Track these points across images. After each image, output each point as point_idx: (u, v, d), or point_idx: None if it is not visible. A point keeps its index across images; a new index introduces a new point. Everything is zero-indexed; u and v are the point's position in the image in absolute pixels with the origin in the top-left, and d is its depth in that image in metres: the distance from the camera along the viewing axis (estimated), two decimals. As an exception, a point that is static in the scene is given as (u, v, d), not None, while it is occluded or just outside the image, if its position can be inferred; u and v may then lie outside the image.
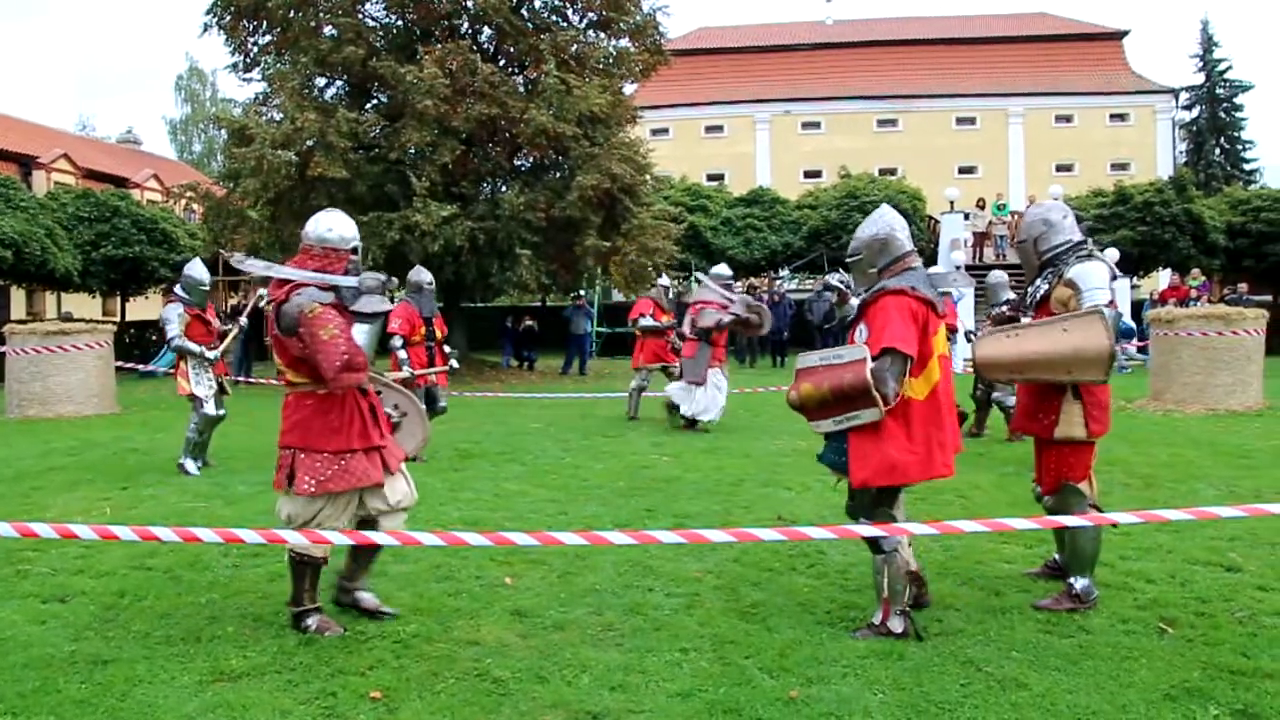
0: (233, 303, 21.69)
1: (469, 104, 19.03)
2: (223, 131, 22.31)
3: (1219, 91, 52.20)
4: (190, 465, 9.10)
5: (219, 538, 4.14)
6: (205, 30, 20.63)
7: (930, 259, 28.97)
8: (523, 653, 4.21)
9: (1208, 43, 52.48)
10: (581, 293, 24.39)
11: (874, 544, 4.39)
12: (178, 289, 9.44)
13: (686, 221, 27.84)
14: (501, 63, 21.16)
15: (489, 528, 6.39)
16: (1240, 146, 52.34)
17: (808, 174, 40.46)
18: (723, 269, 12.50)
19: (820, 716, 3.59)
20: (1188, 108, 51.37)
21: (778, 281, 29.30)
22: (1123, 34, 47.04)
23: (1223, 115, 52.17)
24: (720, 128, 44.50)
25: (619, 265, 21.29)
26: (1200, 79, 52.27)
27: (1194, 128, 52.07)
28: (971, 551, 5.78)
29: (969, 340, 11.93)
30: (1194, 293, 24.06)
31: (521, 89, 20.54)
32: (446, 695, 3.80)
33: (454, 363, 10.57)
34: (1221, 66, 52.31)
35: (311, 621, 4.48)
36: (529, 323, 23.85)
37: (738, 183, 35.91)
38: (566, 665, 4.07)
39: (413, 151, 19.14)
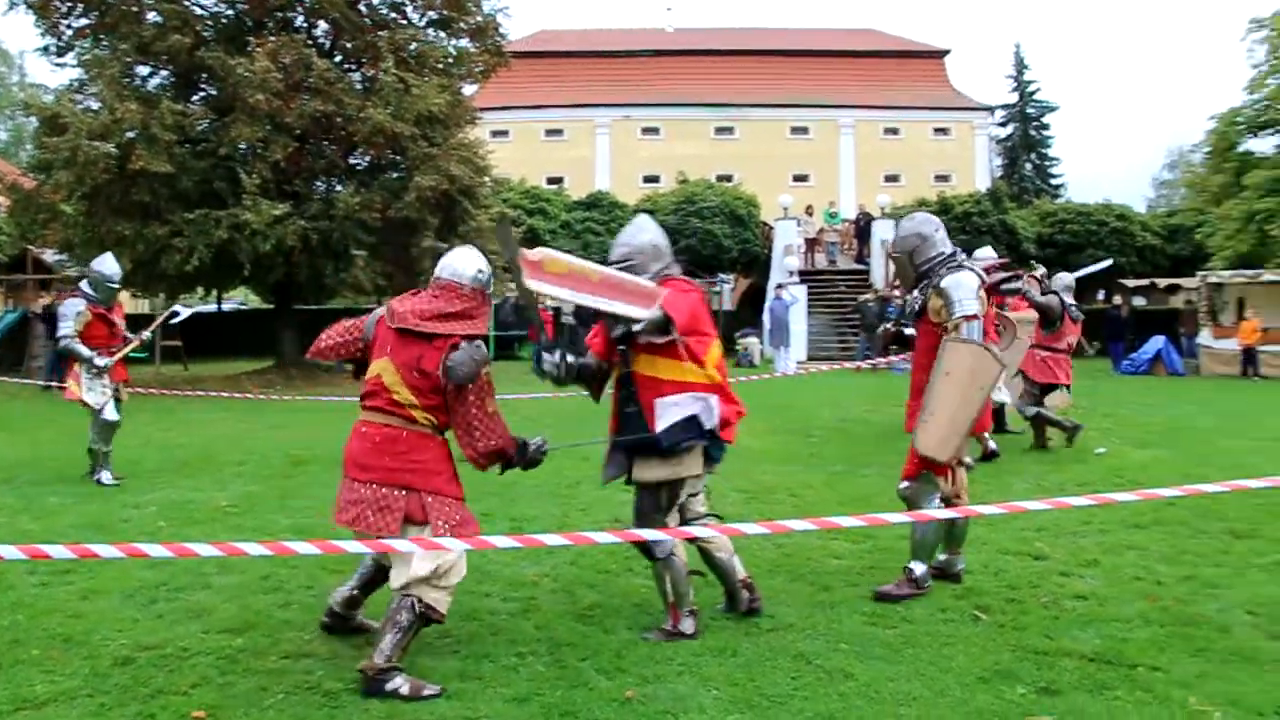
0: (44, 302, 20.32)
1: (303, 100, 18.48)
2: (32, 119, 20.90)
3: (1030, 111, 55.58)
4: (106, 476, 8.49)
5: (23, 554, 3.88)
6: (11, 8, 19.23)
7: (765, 264, 29.80)
8: (356, 663, 4.13)
9: (1020, 65, 55.87)
10: (418, 295, 23.94)
11: (648, 551, 4.45)
12: (84, 284, 8.73)
13: (525, 225, 27.79)
14: (338, 59, 20.63)
15: (321, 536, 6.22)
16: (1048, 162, 55.91)
17: (647, 179, 40.89)
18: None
19: (656, 715, 3.66)
20: (1003, 124, 54.44)
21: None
22: (944, 53, 49.43)
23: (1033, 133, 55.60)
24: (560, 131, 44.51)
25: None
26: (1014, 98, 55.53)
27: (1008, 143, 55.29)
28: (802, 549, 5.99)
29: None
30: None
31: (358, 86, 20.09)
32: (275, 711, 3.70)
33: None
34: (1032, 88, 55.77)
35: (402, 681, 3.84)
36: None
37: (577, 186, 35.99)
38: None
39: (243, 147, 18.45)
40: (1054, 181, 54.97)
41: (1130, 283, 28.95)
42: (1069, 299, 10.31)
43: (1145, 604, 4.92)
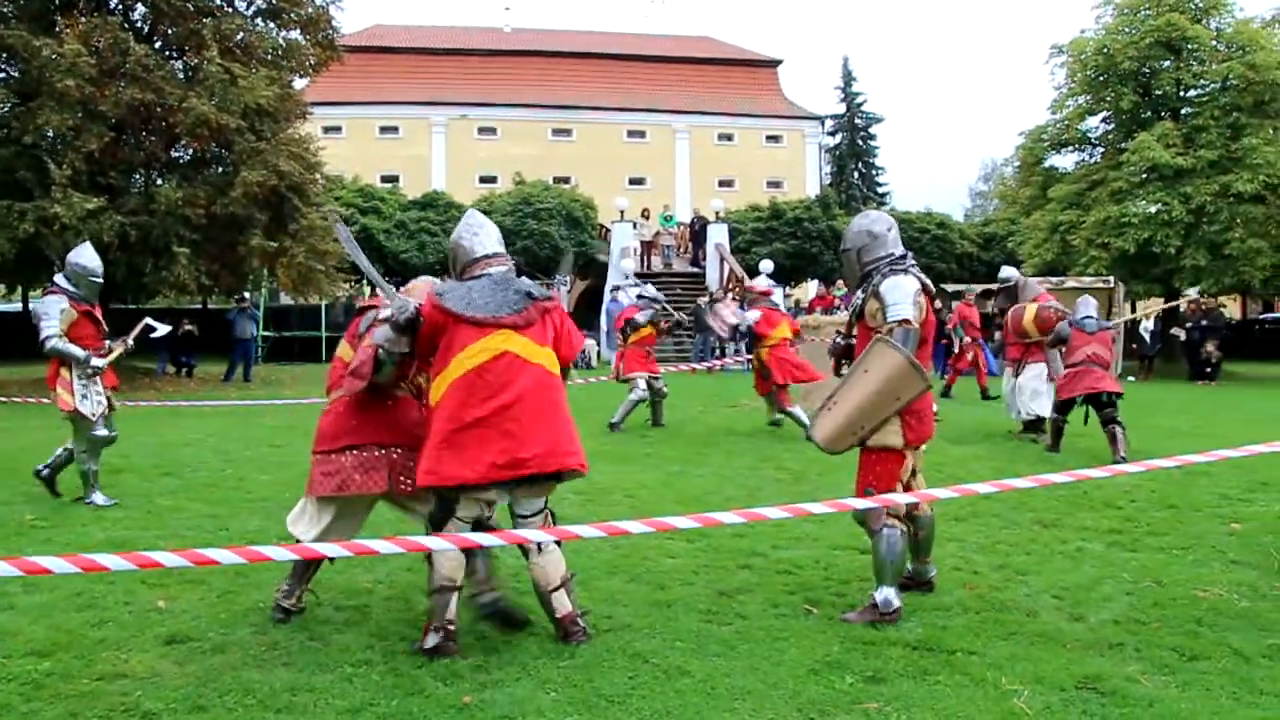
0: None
1: (119, 87, 17.49)
2: None
3: (857, 121, 57.88)
4: (99, 497, 7.57)
5: None
6: None
7: (602, 266, 29.97)
8: (179, 681, 3.94)
9: (848, 77, 58.12)
10: (246, 295, 23.07)
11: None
12: (60, 279, 7.66)
13: (359, 224, 27.13)
14: (158, 45, 19.62)
15: (139, 548, 5.91)
16: (874, 171, 58.44)
17: (483, 179, 40.50)
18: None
19: (494, 720, 3.63)
20: (832, 134, 56.47)
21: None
22: (777, 63, 50.83)
23: (860, 142, 57.95)
24: (396, 129, 43.61)
25: (287, 267, 20.37)
26: (842, 109, 57.69)
27: (837, 152, 57.43)
28: (639, 549, 6.04)
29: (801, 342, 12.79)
30: (838, 301, 26.41)
31: (181, 75, 19.17)
32: (88, 734, 3.49)
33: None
34: (859, 99, 58.11)
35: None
36: (187, 326, 22.19)
37: (412, 186, 35.36)
38: (228, 690, 3.86)
39: (51, 135, 17.32)
40: (880, 190, 57.52)
41: (950, 287, 30.42)
42: (1089, 312, 10.34)
43: (963, 592, 5.19)
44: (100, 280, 7.83)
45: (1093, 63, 25.61)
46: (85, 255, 7.76)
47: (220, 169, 19.78)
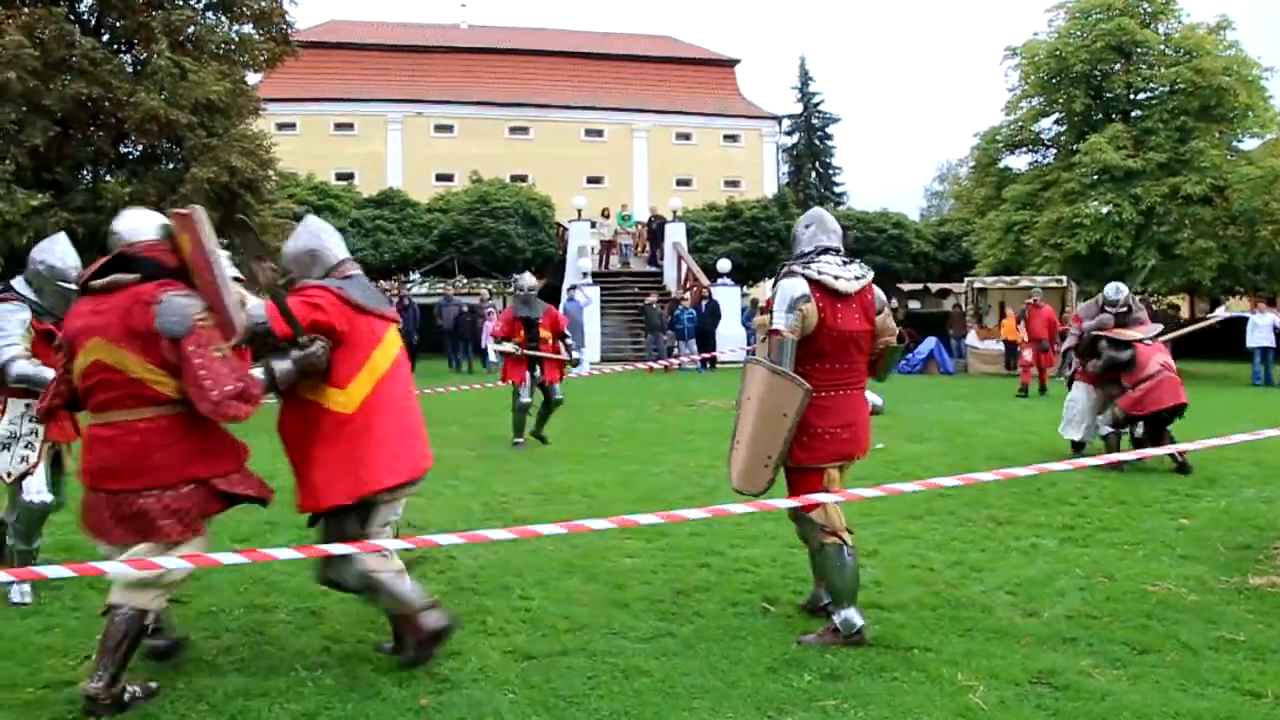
0: None
1: (64, 80, 17.14)
2: None
3: (814, 121, 58.25)
4: (18, 593, 5.03)
5: None
6: None
7: (559, 265, 29.93)
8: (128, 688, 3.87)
9: (805, 77, 58.46)
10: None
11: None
12: (18, 282, 5.36)
13: (314, 221, 26.79)
14: (105, 37, 19.22)
15: (86, 555, 5.80)
16: (831, 171, 58.86)
17: (440, 177, 40.26)
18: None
19: (450, 722, 3.60)
20: (789, 134, 56.75)
21: (407, 286, 28.97)
22: (735, 62, 51.05)
23: (817, 143, 58.33)
24: (351, 126, 43.24)
25: (239, 265, 20.10)
26: (799, 109, 58.01)
27: (794, 152, 57.79)
28: (596, 549, 6.03)
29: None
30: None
31: (129, 69, 18.82)
32: (34, 742, 3.41)
33: (575, 355, 10.80)
34: (816, 99, 58.47)
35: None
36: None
37: (368, 183, 35.07)
38: (179, 696, 3.79)
39: (-7, 129, 16.94)
40: (837, 189, 57.94)
41: (906, 287, 30.75)
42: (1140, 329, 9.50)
43: (919, 590, 5.23)
44: (73, 287, 4.53)
45: (1045, 65, 25.92)
46: (58, 250, 5.41)
47: (170, 165, 19.44)
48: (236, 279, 3.98)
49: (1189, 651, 4.26)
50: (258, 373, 3.77)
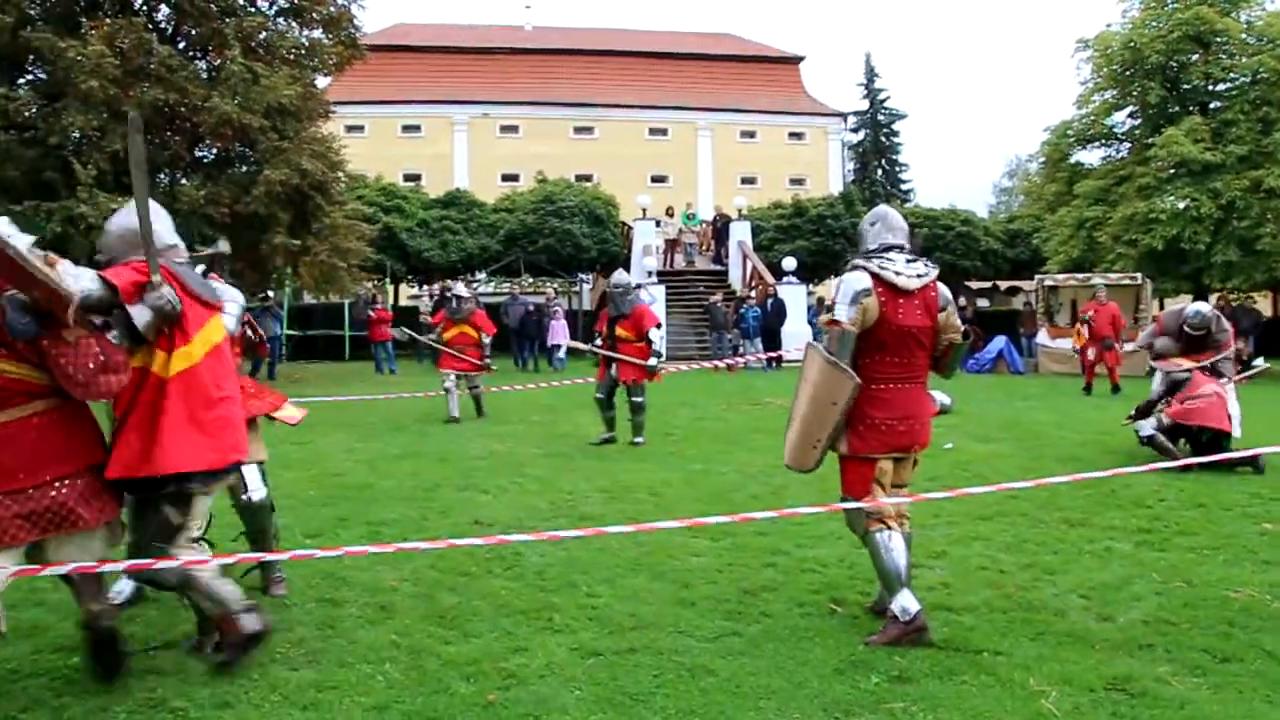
0: None
1: (143, 88, 17.61)
2: None
3: (880, 118, 57.66)
4: None
5: None
6: None
7: (624, 265, 29.97)
8: (204, 678, 3.95)
9: (870, 73, 57.91)
10: (270, 294, 23.22)
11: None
12: None
13: (381, 222, 27.22)
14: (181, 45, 19.74)
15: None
16: (898, 168, 58.22)
17: (505, 177, 40.61)
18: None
19: (519, 718, 3.62)
20: (855, 130, 56.25)
21: (474, 285, 29.24)
22: (799, 59, 50.74)
23: (883, 139, 57.76)
24: (418, 127, 43.82)
25: (310, 266, 20.48)
26: (865, 105, 57.49)
27: (860, 149, 57.26)
28: (663, 547, 6.01)
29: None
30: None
31: (204, 75, 19.28)
32: (116, 730, 3.50)
33: (651, 361, 10.83)
34: (882, 95, 57.91)
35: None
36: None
37: (435, 184, 35.49)
38: (254, 687, 3.87)
39: (77, 136, 17.46)
40: (904, 186, 57.28)
41: (974, 285, 30.24)
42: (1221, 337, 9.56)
43: (990, 592, 5.13)
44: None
45: (1119, 57, 25.34)
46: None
47: (243, 168, 19.88)
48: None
49: (1274, 661, 4.12)
50: (111, 336, 3.66)
